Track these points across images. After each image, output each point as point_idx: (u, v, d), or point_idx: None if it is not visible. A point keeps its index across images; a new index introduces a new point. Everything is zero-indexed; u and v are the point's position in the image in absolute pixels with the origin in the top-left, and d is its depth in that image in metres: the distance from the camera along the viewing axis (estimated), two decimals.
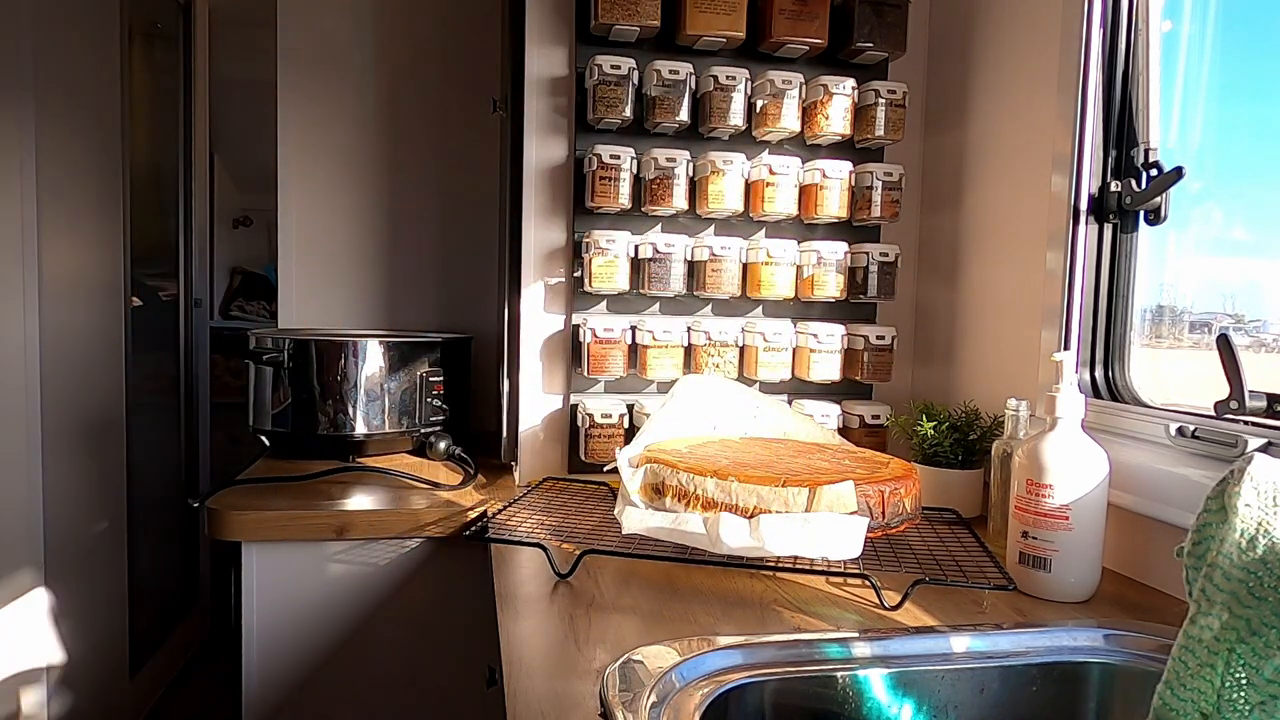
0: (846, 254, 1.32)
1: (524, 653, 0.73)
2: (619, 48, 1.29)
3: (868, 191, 1.32)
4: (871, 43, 1.28)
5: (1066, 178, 1.09)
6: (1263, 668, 0.58)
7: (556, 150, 1.34)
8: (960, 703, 0.77)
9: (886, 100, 1.29)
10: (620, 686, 0.65)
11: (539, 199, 1.34)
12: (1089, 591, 0.88)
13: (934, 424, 1.19)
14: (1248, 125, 1.06)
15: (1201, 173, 1.07)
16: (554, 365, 1.36)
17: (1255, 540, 0.60)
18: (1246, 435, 0.84)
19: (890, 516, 0.93)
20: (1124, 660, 0.79)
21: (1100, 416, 1.03)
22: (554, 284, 1.36)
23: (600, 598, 0.86)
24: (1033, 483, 0.88)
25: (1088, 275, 1.09)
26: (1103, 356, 1.10)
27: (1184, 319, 1.14)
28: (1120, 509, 0.94)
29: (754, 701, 0.72)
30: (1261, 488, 0.60)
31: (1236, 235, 1.09)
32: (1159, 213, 1.04)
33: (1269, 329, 1.04)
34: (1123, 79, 1.07)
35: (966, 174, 1.33)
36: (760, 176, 1.29)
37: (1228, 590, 0.60)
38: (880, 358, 1.34)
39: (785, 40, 1.26)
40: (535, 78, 1.32)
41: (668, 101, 1.26)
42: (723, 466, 0.97)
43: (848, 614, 0.83)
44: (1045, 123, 1.14)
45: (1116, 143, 1.08)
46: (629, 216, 1.33)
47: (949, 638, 0.78)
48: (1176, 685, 0.62)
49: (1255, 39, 1.06)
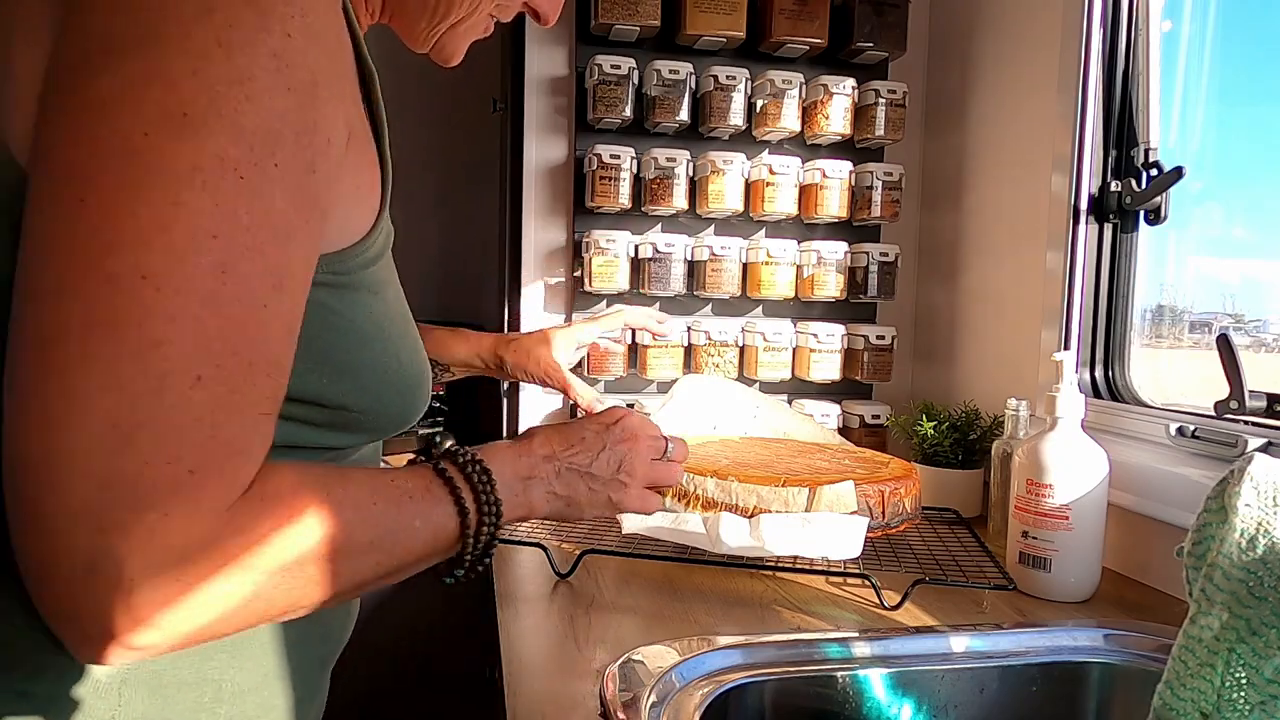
0: (846, 254, 1.32)
1: (524, 653, 0.73)
2: (619, 47, 1.29)
3: (868, 191, 1.32)
4: (871, 43, 1.28)
5: (1066, 178, 1.09)
6: (1263, 668, 0.58)
7: (556, 150, 1.34)
8: (960, 702, 0.77)
9: (886, 100, 1.29)
10: (620, 686, 0.65)
11: (539, 199, 1.34)
12: (1089, 591, 0.88)
13: (934, 424, 1.19)
14: (1248, 125, 1.07)
15: (1201, 173, 1.07)
16: None
17: (1255, 540, 0.60)
18: (1246, 435, 0.84)
19: (890, 516, 0.93)
20: (1124, 660, 0.79)
21: (1100, 416, 1.03)
22: (554, 284, 1.36)
23: (600, 598, 0.86)
24: (1033, 483, 0.88)
25: (1088, 275, 1.09)
26: (1103, 356, 1.10)
27: (1184, 319, 1.14)
28: (1120, 509, 0.94)
29: (754, 701, 0.72)
30: (1261, 488, 0.60)
31: (1236, 235, 1.09)
32: (1159, 213, 1.04)
33: (1269, 329, 1.04)
34: (1123, 79, 1.07)
35: (966, 174, 1.33)
36: (760, 176, 1.29)
37: (1228, 590, 0.60)
38: (880, 358, 1.34)
39: (785, 40, 1.26)
40: (535, 77, 1.32)
41: (668, 101, 1.26)
42: (723, 466, 0.97)
43: (848, 614, 0.83)
44: (1045, 123, 1.14)
45: (1116, 143, 1.08)
46: (629, 216, 1.33)
47: (949, 638, 0.78)
48: (1176, 685, 0.62)
49: (1255, 39, 1.06)
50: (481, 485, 0.55)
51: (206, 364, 0.39)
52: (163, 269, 0.37)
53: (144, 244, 0.37)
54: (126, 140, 0.38)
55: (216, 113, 0.39)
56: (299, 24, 0.41)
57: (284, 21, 0.41)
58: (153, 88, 0.38)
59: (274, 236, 0.41)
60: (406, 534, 0.50)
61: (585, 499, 0.64)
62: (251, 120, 0.40)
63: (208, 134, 0.38)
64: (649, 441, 0.69)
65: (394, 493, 0.50)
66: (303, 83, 0.42)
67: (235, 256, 0.39)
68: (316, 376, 0.48)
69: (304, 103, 0.42)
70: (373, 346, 0.52)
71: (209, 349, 0.39)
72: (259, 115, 0.40)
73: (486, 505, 0.54)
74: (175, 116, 0.38)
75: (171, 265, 0.38)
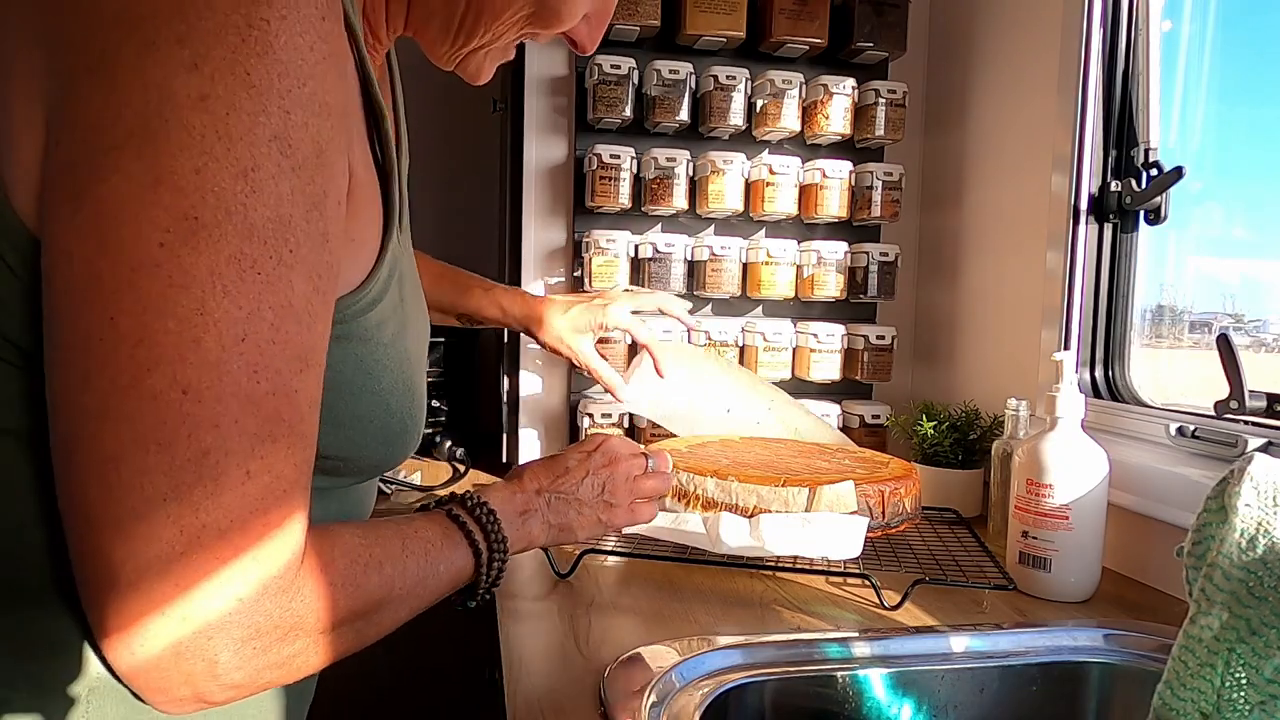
0: (846, 254, 1.32)
1: (524, 653, 0.73)
2: (619, 47, 1.29)
3: (868, 191, 1.32)
4: (871, 43, 1.28)
5: (1066, 178, 1.09)
6: (1263, 667, 0.58)
7: (556, 150, 1.34)
8: (960, 703, 0.77)
9: (886, 100, 1.29)
10: (620, 687, 0.65)
11: (539, 199, 1.34)
12: (1089, 591, 0.88)
13: (934, 424, 1.19)
14: (1248, 125, 1.07)
15: (1201, 173, 1.07)
16: (554, 365, 1.36)
17: (1255, 540, 0.60)
18: (1246, 435, 0.84)
19: (890, 516, 0.93)
20: (1124, 660, 0.79)
21: (1100, 416, 1.03)
22: (554, 284, 1.36)
23: (600, 598, 0.85)
24: (1033, 482, 0.88)
25: (1088, 275, 1.09)
26: (1103, 356, 1.10)
27: (1184, 319, 1.14)
28: (1120, 509, 0.94)
29: (754, 701, 0.72)
30: (1261, 488, 0.60)
31: (1236, 235, 1.09)
32: (1159, 213, 1.04)
33: (1269, 329, 1.04)
34: (1123, 79, 1.07)
35: (966, 174, 1.33)
36: (760, 176, 1.29)
37: (1228, 590, 0.60)
38: (880, 358, 1.34)
39: (785, 40, 1.26)
40: (535, 77, 1.32)
41: (668, 101, 1.26)
42: (722, 466, 0.97)
43: (848, 614, 0.83)
44: (1045, 123, 1.14)
45: (1116, 143, 1.08)
46: (629, 216, 1.33)
47: (949, 637, 0.78)
48: (1176, 685, 0.62)
49: (1255, 39, 1.06)
50: (490, 525, 0.61)
51: (252, 459, 0.41)
52: (198, 381, 0.39)
53: (180, 359, 0.39)
54: (146, 252, 0.38)
55: (226, 212, 0.39)
56: (298, 97, 0.41)
57: (282, 98, 0.40)
58: (161, 191, 0.38)
59: (297, 322, 0.42)
60: (434, 579, 0.56)
61: (576, 523, 0.71)
62: (261, 213, 0.40)
63: (221, 236, 0.39)
64: (629, 461, 0.76)
65: (420, 543, 0.55)
66: (307, 157, 0.42)
67: (264, 353, 0.41)
68: None
69: (311, 176, 0.42)
70: (360, 399, 0.53)
71: (253, 445, 0.41)
72: (268, 205, 0.40)
73: (495, 542, 0.61)
74: (188, 221, 0.38)
75: (206, 376, 0.39)
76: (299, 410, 0.43)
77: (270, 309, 0.41)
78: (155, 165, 0.38)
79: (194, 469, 0.39)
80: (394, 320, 0.56)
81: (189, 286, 0.38)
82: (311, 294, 0.43)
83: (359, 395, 0.52)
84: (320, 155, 0.42)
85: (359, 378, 0.52)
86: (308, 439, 0.44)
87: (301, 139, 0.41)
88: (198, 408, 0.39)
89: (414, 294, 0.64)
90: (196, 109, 0.38)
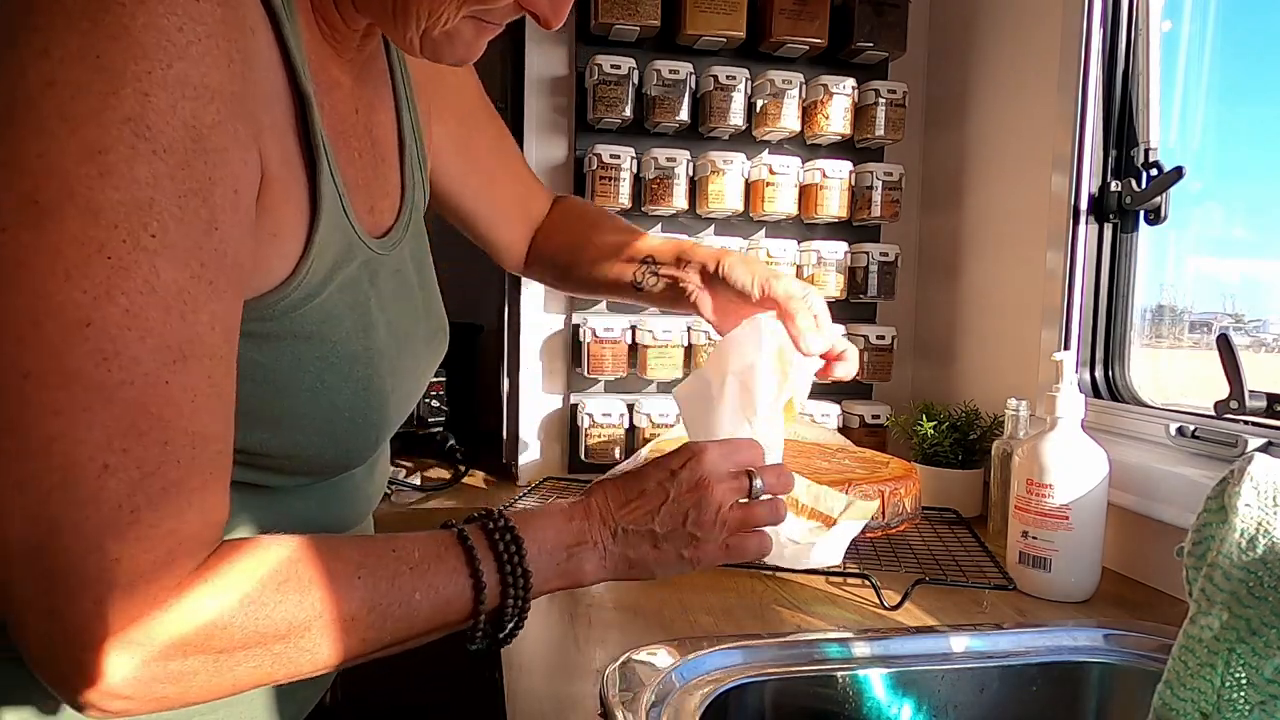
0: (846, 254, 1.32)
1: (524, 653, 0.73)
2: (619, 47, 1.29)
3: (868, 191, 1.32)
4: (871, 43, 1.28)
5: (1066, 178, 1.09)
6: (1263, 667, 0.58)
7: (556, 150, 1.34)
8: (960, 703, 0.77)
9: (886, 100, 1.29)
10: (620, 686, 0.65)
11: None
12: (1089, 591, 0.88)
13: (934, 424, 1.19)
14: (1248, 125, 1.07)
15: (1201, 173, 1.07)
16: (554, 365, 1.36)
17: (1255, 540, 0.60)
18: (1246, 435, 0.84)
19: (890, 516, 0.93)
20: (1124, 660, 0.79)
21: (1100, 416, 1.03)
22: None
23: (600, 598, 0.85)
24: (1033, 482, 0.88)
25: (1088, 275, 1.09)
26: (1103, 356, 1.10)
27: (1184, 319, 1.14)
28: (1120, 509, 0.94)
29: (754, 701, 0.72)
30: (1261, 488, 0.60)
31: (1236, 235, 1.09)
32: (1159, 213, 1.04)
33: (1269, 329, 1.04)
34: (1123, 79, 1.07)
35: (966, 174, 1.33)
36: (760, 176, 1.29)
37: (1228, 590, 0.60)
38: (880, 357, 1.34)
39: (785, 40, 1.26)
40: (535, 77, 1.32)
41: (668, 101, 1.26)
42: None
43: (848, 614, 0.83)
44: (1045, 123, 1.14)
45: (1116, 143, 1.08)
46: (629, 216, 1.32)
47: (949, 637, 0.78)
48: (1176, 685, 0.62)
49: (1255, 39, 1.06)
50: (508, 553, 0.52)
51: (110, 452, 0.38)
52: (40, 366, 0.37)
53: (19, 342, 0.37)
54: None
55: (69, 194, 0.37)
56: (159, 78, 0.39)
57: (139, 80, 0.38)
58: (5, 174, 0.37)
59: (164, 310, 0.39)
60: (401, 607, 0.48)
61: (652, 559, 0.59)
62: (111, 195, 0.38)
63: (62, 219, 0.37)
64: (724, 485, 0.59)
65: (388, 566, 0.48)
66: (175, 141, 0.40)
67: (116, 341, 0.38)
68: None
69: (185, 161, 0.40)
70: (298, 397, 0.50)
71: (108, 437, 0.38)
72: (120, 189, 0.38)
73: (512, 575, 0.52)
74: (29, 205, 0.37)
75: (47, 361, 0.37)
76: (176, 405, 0.40)
77: (124, 294, 0.38)
78: (2, 151, 0.38)
79: (42, 458, 0.38)
80: (352, 318, 0.54)
81: (29, 269, 0.37)
82: (189, 282, 0.40)
83: (297, 393, 0.50)
84: (199, 140, 0.40)
85: (297, 375, 0.50)
86: (201, 437, 0.41)
87: (166, 122, 0.39)
88: (40, 393, 0.37)
89: (406, 293, 0.62)
90: (44, 94, 0.37)
